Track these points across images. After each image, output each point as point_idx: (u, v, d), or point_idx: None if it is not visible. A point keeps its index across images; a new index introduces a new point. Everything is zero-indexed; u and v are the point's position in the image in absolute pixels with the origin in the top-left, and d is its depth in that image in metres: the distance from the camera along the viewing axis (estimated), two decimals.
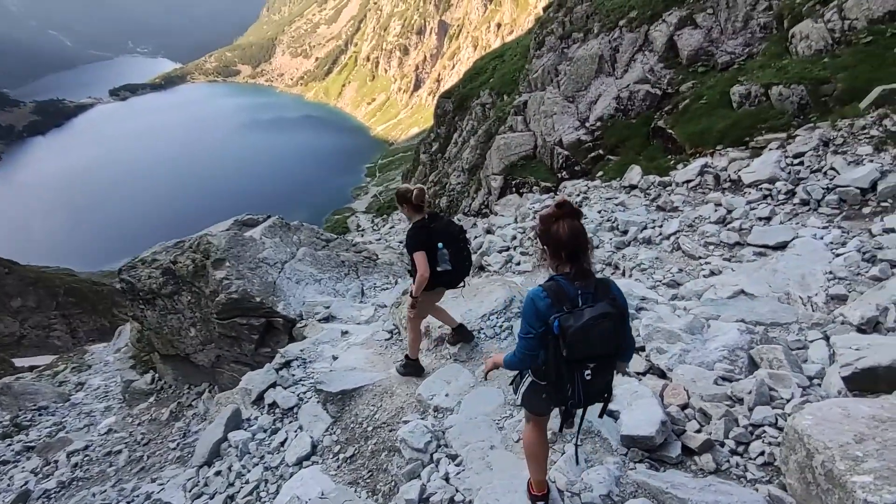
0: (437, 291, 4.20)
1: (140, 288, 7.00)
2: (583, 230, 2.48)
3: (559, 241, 2.45)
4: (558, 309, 2.33)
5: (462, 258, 4.10)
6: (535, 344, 2.46)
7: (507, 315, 4.37)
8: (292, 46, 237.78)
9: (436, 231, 4.02)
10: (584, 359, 2.36)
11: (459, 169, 32.53)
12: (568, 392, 2.41)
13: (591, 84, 22.69)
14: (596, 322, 2.27)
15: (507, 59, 41.92)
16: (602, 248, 12.62)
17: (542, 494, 2.73)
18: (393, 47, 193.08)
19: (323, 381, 4.11)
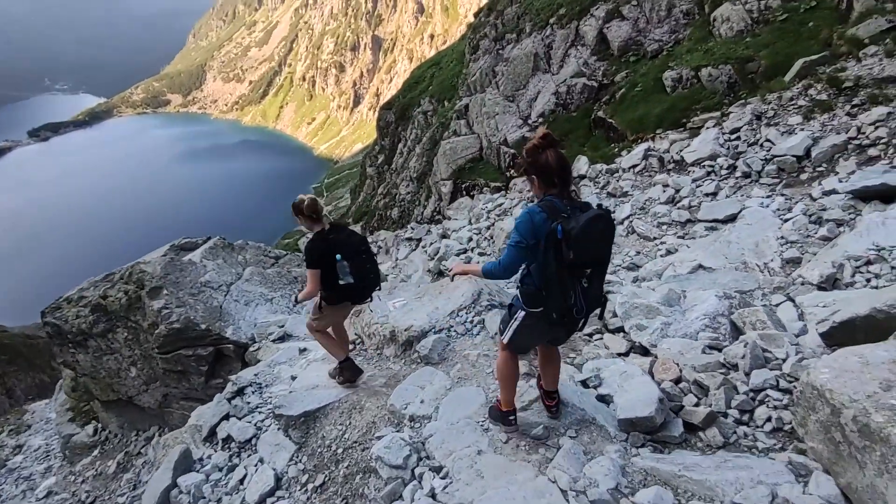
0: (343, 306, 4.06)
1: (68, 330, 6.25)
2: (565, 157, 2.66)
3: (549, 168, 2.58)
4: (556, 217, 2.47)
5: (365, 270, 3.93)
6: (523, 255, 2.57)
7: (477, 309, 4.06)
8: (223, 71, 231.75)
9: (335, 243, 3.88)
10: (586, 262, 2.52)
11: (408, 178, 32.25)
12: (571, 300, 2.52)
13: (529, 82, 22.95)
14: (594, 222, 2.44)
15: (444, 65, 42.16)
16: None
17: (510, 408, 2.93)
18: (328, 65, 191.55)
19: (282, 404, 3.65)
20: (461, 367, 3.47)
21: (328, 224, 4.00)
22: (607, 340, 4.07)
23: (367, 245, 4.00)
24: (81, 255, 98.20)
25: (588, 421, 2.81)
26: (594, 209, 2.52)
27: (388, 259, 22.51)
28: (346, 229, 4.09)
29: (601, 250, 2.63)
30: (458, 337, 3.88)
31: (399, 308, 4.29)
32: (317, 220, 3.96)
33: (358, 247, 3.92)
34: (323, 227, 3.96)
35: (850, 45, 12.07)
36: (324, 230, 3.94)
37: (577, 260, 2.46)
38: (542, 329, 2.75)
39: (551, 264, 2.49)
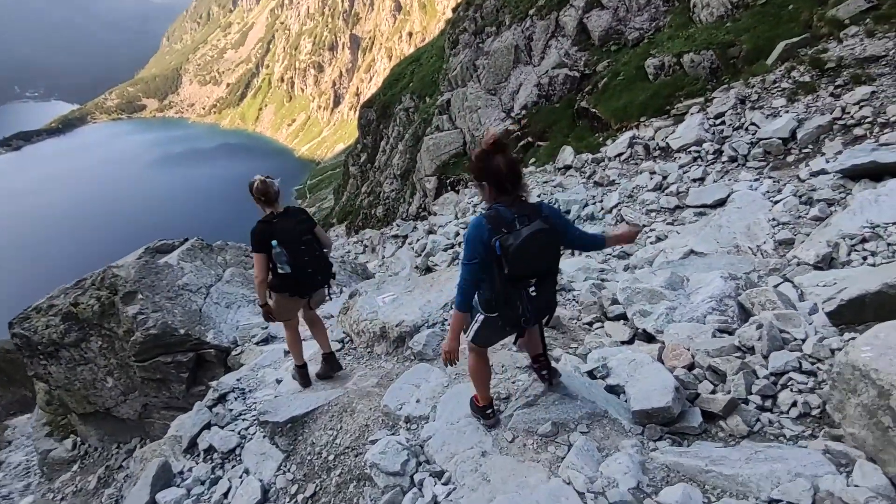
0: (294, 300, 3.85)
1: (38, 341, 5.87)
2: (516, 161, 2.66)
3: (500, 174, 2.59)
4: (498, 232, 2.50)
5: (303, 262, 3.72)
6: (478, 269, 2.60)
7: None
8: (200, 74, 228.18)
9: (276, 228, 3.75)
10: (526, 275, 2.57)
11: (391, 176, 31.92)
12: (519, 311, 2.62)
13: (510, 74, 22.78)
14: (533, 237, 2.47)
15: (424, 61, 41.81)
16: None
17: (487, 403, 2.95)
18: (307, 66, 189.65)
19: (267, 410, 3.38)
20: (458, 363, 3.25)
21: (281, 209, 3.87)
22: (609, 328, 3.88)
23: (310, 233, 3.82)
24: (58, 265, 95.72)
25: (599, 414, 2.60)
26: (538, 222, 2.52)
27: (374, 257, 22.19)
28: (298, 216, 3.93)
29: (540, 264, 2.64)
30: None
31: (388, 303, 4.04)
32: (266, 202, 3.86)
33: (300, 235, 3.75)
34: (273, 210, 3.83)
35: (830, 26, 12.07)
36: (272, 214, 3.81)
37: (515, 273, 2.53)
38: (501, 330, 2.83)
39: (494, 277, 2.58)
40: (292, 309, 3.89)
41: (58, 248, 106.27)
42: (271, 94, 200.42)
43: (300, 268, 3.69)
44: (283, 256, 3.65)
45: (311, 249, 3.79)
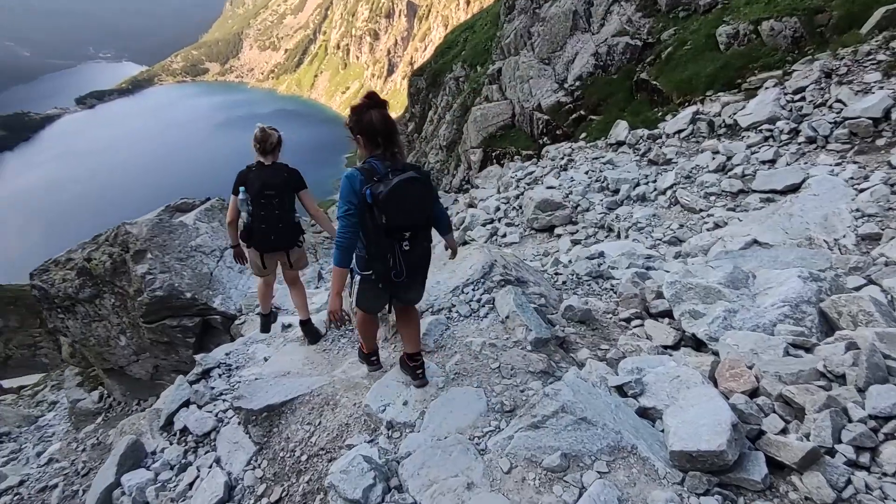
0: (256, 253, 3.85)
1: (55, 294, 5.80)
2: (391, 117, 2.62)
3: (373, 128, 2.56)
4: (369, 181, 2.48)
5: (259, 216, 3.70)
6: (354, 221, 2.53)
7: (487, 284, 3.23)
8: (259, 39, 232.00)
9: (250, 176, 3.79)
10: (398, 225, 2.52)
11: (437, 147, 31.26)
12: (389, 262, 2.57)
13: (566, 43, 21.44)
14: (404, 185, 2.43)
15: (478, 28, 40.38)
16: (593, 210, 11.60)
17: (371, 351, 3.06)
18: (363, 33, 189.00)
19: (243, 395, 2.97)
20: (460, 359, 2.72)
21: (270, 161, 3.87)
22: (650, 328, 3.23)
23: (283, 194, 3.75)
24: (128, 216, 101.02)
25: (625, 450, 1.99)
26: (410, 172, 2.51)
27: None
28: (281, 174, 3.86)
29: (414, 214, 2.59)
30: (460, 319, 3.10)
31: None
32: (261, 151, 3.86)
33: (262, 189, 3.68)
34: (263, 161, 3.84)
35: None
36: (259, 164, 3.83)
37: (390, 223, 2.50)
38: (379, 291, 2.76)
39: (368, 228, 2.54)
40: (259, 262, 3.84)
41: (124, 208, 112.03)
42: (327, 61, 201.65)
43: (255, 221, 3.68)
44: (245, 205, 3.65)
45: (272, 207, 3.68)
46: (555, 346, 2.82)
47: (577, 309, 3.29)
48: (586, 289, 4.40)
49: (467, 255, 3.59)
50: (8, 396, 19.92)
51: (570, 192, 12.40)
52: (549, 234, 12.14)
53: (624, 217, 10.62)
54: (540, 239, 12.33)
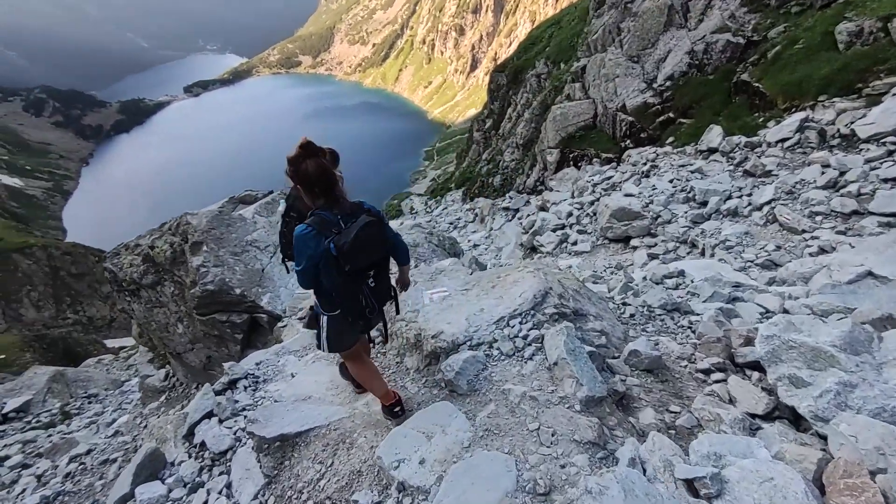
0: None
1: (122, 278, 6.02)
2: (327, 166, 2.64)
3: (309, 179, 2.61)
4: (327, 234, 2.54)
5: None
6: (311, 275, 2.61)
7: (537, 318, 2.77)
8: (350, 34, 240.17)
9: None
10: (363, 268, 2.65)
11: (513, 145, 30.58)
12: (362, 303, 2.68)
13: (658, 40, 20.06)
14: (363, 232, 2.55)
15: (565, 24, 39.07)
16: (675, 223, 10.65)
17: (396, 400, 2.89)
18: (449, 28, 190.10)
19: (258, 418, 2.75)
20: (494, 410, 2.31)
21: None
22: (734, 387, 2.64)
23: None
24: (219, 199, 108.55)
25: None
26: (363, 217, 2.57)
27: (482, 228, 21.42)
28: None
29: (374, 255, 2.67)
30: (500, 359, 2.67)
31: (437, 301, 3.17)
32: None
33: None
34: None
35: None
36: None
37: (354, 268, 2.57)
38: (349, 326, 2.77)
39: (334, 276, 2.58)
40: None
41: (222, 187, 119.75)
42: (412, 56, 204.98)
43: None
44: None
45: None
46: (611, 407, 2.34)
47: (645, 355, 2.76)
48: (658, 325, 3.81)
49: (519, 278, 3.14)
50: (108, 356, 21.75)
51: (651, 201, 11.48)
52: (624, 246, 11.32)
53: (711, 233, 9.65)
54: (613, 250, 11.53)
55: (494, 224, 19.68)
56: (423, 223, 23.16)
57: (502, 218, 19.76)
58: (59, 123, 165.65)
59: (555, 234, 13.27)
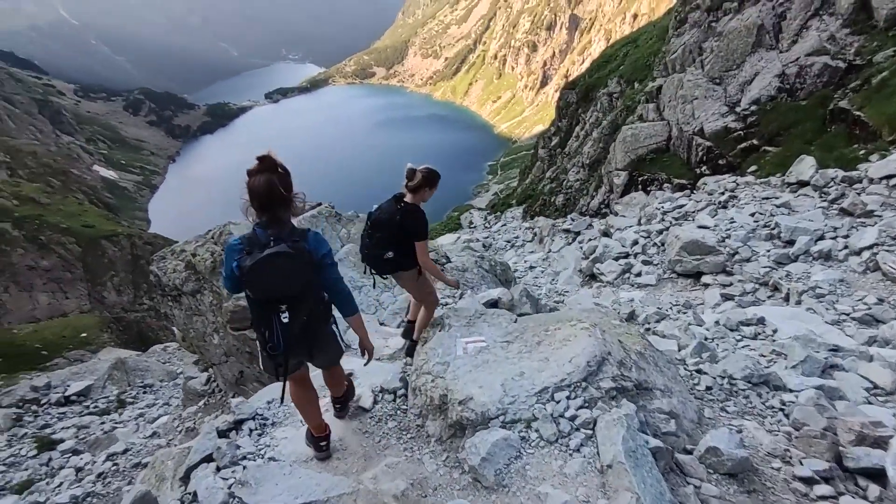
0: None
1: (165, 282, 5.98)
2: (273, 185, 2.55)
3: (252, 193, 2.57)
4: (249, 252, 2.49)
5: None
6: (230, 286, 2.64)
7: (590, 393, 2.21)
8: (423, 47, 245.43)
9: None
10: (271, 299, 2.53)
11: (579, 164, 29.60)
12: (265, 335, 2.58)
13: (745, 61, 18.74)
14: (269, 260, 2.40)
15: (642, 43, 37.69)
16: (755, 262, 9.59)
17: (325, 435, 2.90)
18: (521, 44, 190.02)
19: (249, 480, 2.38)
20: None
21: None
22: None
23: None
24: None
25: None
26: (281, 245, 2.45)
27: (540, 249, 20.67)
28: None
29: (277, 289, 2.51)
30: (539, 446, 2.14)
31: (471, 353, 2.69)
32: (431, 188, 3.84)
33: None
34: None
35: None
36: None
37: (255, 296, 2.51)
38: (265, 355, 2.70)
39: (248, 297, 2.57)
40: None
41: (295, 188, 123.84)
42: (483, 70, 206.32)
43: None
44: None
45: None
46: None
47: (727, 456, 2.16)
48: (742, 403, 3.12)
49: (571, 335, 2.60)
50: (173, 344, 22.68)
51: (728, 235, 10.47)
52: (695, 282, 10.36)
53: (798, 276, 8.59)
54: (681, 285, 10.58)
55: (553, 246, 18.91)
56: (476, 242, 22.68)
57: (562, 240, 18.96)
58: (152, 122, 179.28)
59: (617, 263, 12.43)
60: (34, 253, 53.87)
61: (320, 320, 2.69)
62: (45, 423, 12.09)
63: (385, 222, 3.67)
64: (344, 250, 5.76)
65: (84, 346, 26.03)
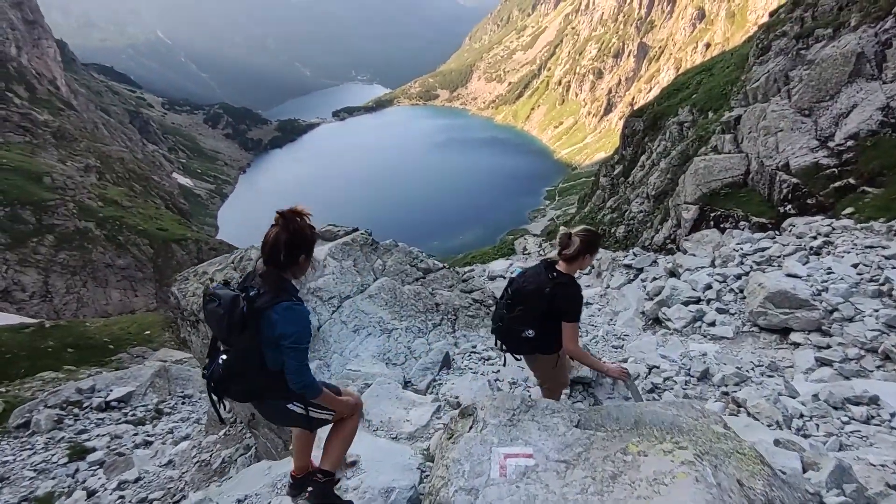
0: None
1: (184, 306, 5.49)
2: (281, 248, 2.53)
3: (262, 243, 2.60)
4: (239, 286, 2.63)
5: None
6: None
7: None
8: (488, 72, 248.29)
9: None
10: (217, 337, 2.61)
11: (643, 195, 28.05)
12: (207, 363, 2.68)
13: (840, 92, 16.98)
14: (210, 300, 2.50)
15: (717, 72, 35.83)
16: (860, 323, 8.14)
17: (296, 476, 2.92)
18: (586, 71, 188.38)
19: None
20: None
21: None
22: None
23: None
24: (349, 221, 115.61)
25: None
26: (229, 294, 2.46)
27: (597, 283, 19.34)
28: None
29: (215, 330, 2.56)
30: None
31: (512, 476, 1.82)
32: (592, 253, 3.42)
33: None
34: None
35: None
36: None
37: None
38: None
39: None
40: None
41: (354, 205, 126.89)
42: (546, 96, 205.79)
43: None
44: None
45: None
46: None
47: None
48: None
49: (664, 473, 1.68)
50: None
51: (825, 288, 9.03)
52: (781, 338, 8.97)
53: None
54: (765, 341, 9.19)
55: (612, 281, 17.59)
56: None
57: (622, 276, 17.60)
58: (228, 135, 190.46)
59: (687, 309, 11.11)
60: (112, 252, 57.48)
61: (264, 389, 2.56)
62: (83, 427, 12.06)
63: (531, 295, 3.19)
64: (376, 285, 5.07)
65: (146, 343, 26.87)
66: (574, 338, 3.10)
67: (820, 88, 17.36)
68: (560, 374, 3.48)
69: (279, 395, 2.57)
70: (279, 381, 2.49)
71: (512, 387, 4.01)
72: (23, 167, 56.68)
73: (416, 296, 5.27)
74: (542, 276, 3.22)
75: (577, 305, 3.17)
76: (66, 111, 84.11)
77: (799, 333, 8.65)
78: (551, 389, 3.54)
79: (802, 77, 18.29)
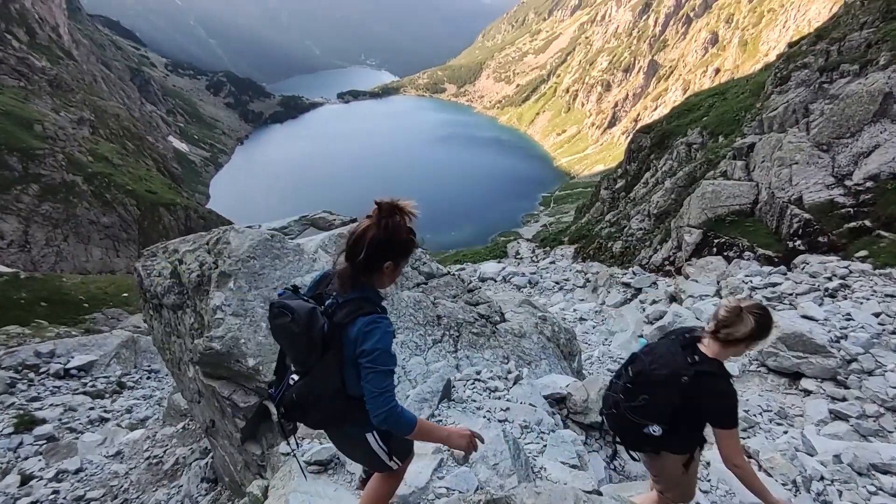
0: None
1: (147, 287, 4.72)
2: (367, 239, 2.07)
3: (349, 235, 2.23)
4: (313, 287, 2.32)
5: None
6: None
7: None
8: (497, 71, 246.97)
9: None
10: (291, 358, 2.20)
11: (645, 213, 27.53)
12: (274, 382, 2.30)
13: (862, 130, 16.52)
14: (280, 312, 2.03)
15: (731, 97, 35.39)
16: (882, 378, 7.59)
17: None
18: (595, 82, 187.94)
19: None
20: None
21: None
22: None
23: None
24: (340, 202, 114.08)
25: None
26: (301, 303, 2.03)
27: (592, 298, 18.76)
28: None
29: (283, 344, 2.16)
30: None
31: None
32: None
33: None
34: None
35: None
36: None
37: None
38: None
39: None
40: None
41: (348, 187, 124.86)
42: (552, 102, 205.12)
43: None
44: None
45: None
46: None
47: None
48: None
49: None
50: None
51: (844, 335, 8.48)
52: (790, 382, 8.42)
53: None
54: (772, 383, 8.62)
55: (609, 299, 17.03)
56: (522, 276, 20.97)
57: (619, 294, 17.05)
58: (229, 104, 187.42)
59: None
60: (97, 209, 55.86)
61: (344, 415, 2.15)
62: (36, 394, 11.20)
63: (662, 383, 2.44)
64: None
65: (123, 305, 25.76)
66: (739, 450, 2.39)
67: (841, 124, 16.89)
68: (688, 483, 2.71)
69: (358, 421, 2.12)
70: (361, 407, 2.03)
71: (524, 431, 3.33)
72: (14, 112, 54.78)
73: (415, 304, 4.56)
74: (678, 359, 2.48)
75: (732, 407, 2.41)
76: (66, 60, 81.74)
77: (811, 380, 8.11)
78: (672, 501, 2.76)
79: (824, 111, 17.80)
